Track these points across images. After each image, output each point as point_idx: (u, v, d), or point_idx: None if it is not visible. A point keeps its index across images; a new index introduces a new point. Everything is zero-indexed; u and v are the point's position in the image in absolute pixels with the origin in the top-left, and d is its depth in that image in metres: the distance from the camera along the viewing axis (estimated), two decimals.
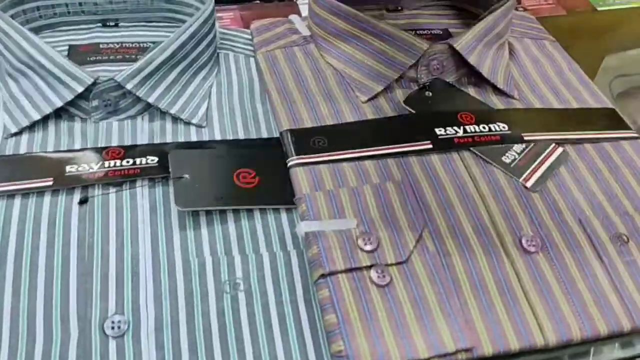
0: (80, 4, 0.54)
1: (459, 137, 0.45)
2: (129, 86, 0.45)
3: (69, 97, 0.44)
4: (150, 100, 0.46)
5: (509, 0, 0.54)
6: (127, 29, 0.56)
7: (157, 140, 0.45)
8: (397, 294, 0.36)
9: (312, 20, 0.54)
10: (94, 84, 0.45)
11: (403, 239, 0.38)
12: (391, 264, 0.37)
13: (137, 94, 0.45)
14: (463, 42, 0.50)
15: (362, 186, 0.41)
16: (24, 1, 0.51)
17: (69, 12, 0.54)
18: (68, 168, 0.41)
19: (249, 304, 0.36)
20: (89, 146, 0.44)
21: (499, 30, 0.53)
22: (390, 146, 0.44)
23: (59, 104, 0.44)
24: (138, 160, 0.42)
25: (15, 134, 0.44)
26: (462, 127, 0.46)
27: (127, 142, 0.45)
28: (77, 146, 0.44)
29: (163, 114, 0.47)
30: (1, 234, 0.38)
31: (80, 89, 0.44)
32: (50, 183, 0.40)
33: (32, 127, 0.44)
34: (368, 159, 0.44)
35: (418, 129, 0.46)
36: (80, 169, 0.41)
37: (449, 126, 0.46)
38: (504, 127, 0.47)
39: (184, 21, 0.56)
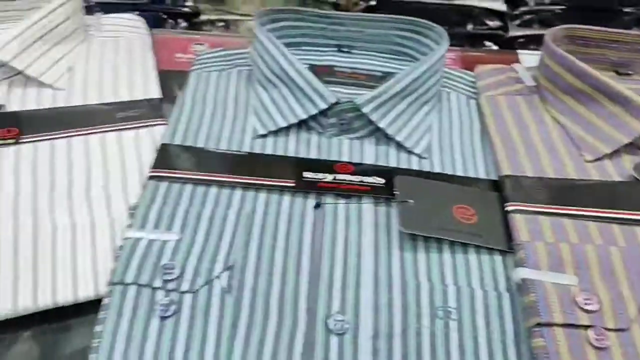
0: (322, 28, 0.61)
1: None
2: (365, 110, 0.49)
3: (313, 111, 0.49)
4: (381, 125, 0.49)
5: None
6: (359, 56, 0.61)
7: (380, 163, 0.49)
8: None
9: (541, 72, 0.55)
10: (335, 103, 0.50)
11: (624, 307, 0.38)
12: (610, 329, 0.36)
13: (371, 117, 0.49)
14: None
15: (584, 245, 0.41)
16: (279, 19, 0.58)
17: (311, 34, 0.61)
18: (305, 174, 0.47)
19: (460, 333, 0.38)
20: (322, 157, 0.49)
21: None
22: (616, 211, 0.43)
23: (304, 116, 0.50)
24: (366, 179, 0.46)
25: (262, 136, 0.51)
26: None
27: (355, 159, 0.49)
28: (313, 155, 0.49)
29: (388, 139, 0.50)
30: (248, 219, 0.43)
31: (324, 106, 0.49)
32: (293, 184, 0.45)
33: (276, 132, 0.50)
34: (591, 220, 0.43)
35: None
36: (316, 176, 0.46)
37: None
38: None
39: (410, 55, 0.60)
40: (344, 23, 0.59)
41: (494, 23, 1.02)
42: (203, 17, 0.96)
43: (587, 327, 0.36)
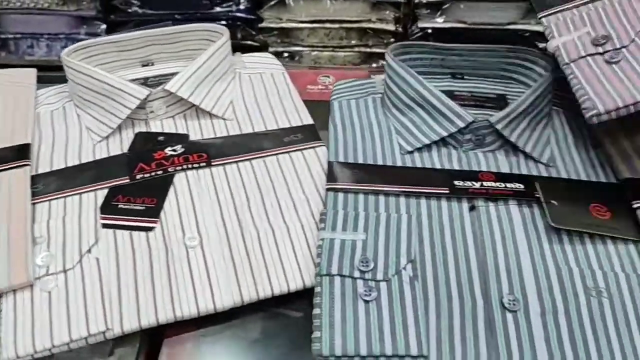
0: (442, 59, 0.70)
1: None
2: (498, 126, 0.57)
3: (453, 130, 0.58)
4: (512, 139, 0.58)
5: None
6: (471, 81, 0.70)
7: (515, 171, 0.57)
8: None
9: None
10: (472, 122, 0.58)
11: None
12: None
13: (503, 133, 0.57)
14: None
15: None
16: (407, 52, 0.68)
17: (430, 65, 0.70)
18: (456, 182, 0.55)
19: (612, 309, 0.46)
20: (464, 169, 0.57)
21: None
22: None
23: (445, 134, 0.58)
24: (509, 185, 0.54)
25: (409, 152, 0.59)
26: None
27: (492, 169, 0.57)
28: (455, 167, 0.57)
29: (516, 151, 0.59)
30: (417, 221, 0.52)
31: (462, 125, 0.58)
32: (447, 191, 0.54)
33: (420, 148, 0.59)
34: None
35: None
36: (465, 184, 0.54)
37: None
38: None
39: (514, 79, 0.69)
40: (461, 54, 0.69)
41: (542, 45, 1.09)
42: (270, 50, 1.05)
43: None
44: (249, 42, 1.05)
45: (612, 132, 0.61)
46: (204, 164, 0.57)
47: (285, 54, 1.06)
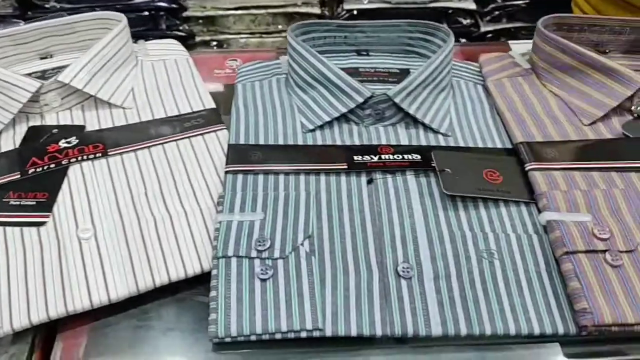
0: (345, 37, 0.70)
1: None
2: (397, 100, 0.58)
3: (352, 105, 0.58)
4: (410, 111, 0.58)
5: None
6: (376, 57, 0.70)
7: (414, 143, 0.58)
8: (628, 273, 0.45)
9: (537, 55, 0.65)
10: (370, 96, 0.58)
11: (630, 234, 0.47)
12: (622, 251, 0.46)
13: (402, 105, 0.58)
14: None
15: (592, 190, 0.51)
16: (310, 32, 0.67)
17: (334, 43, 0.70)
18: (355, 157, 0.55)
19: (503, 269, 0.47)
20: (364, 143, 0.58)
21: None
22: (612, 162, 0.53)
23: (344, 110, 0.58)
24: (406, 156, 0.55)
25: (311, 130, 0.59)
26: None
27: (393, 142, 0.58)
28: (356, 142, 0.58)
29: (416, 123, 0.60)
30: (315, 198, 0.52)
31: (361, 100, 0.58)
32: (346, 167, 0.54)
33: (322, 126, 0.59)
34: (594, 170, 0.53)
35: (636, 150, 0.54)
36: (364, 159, 0.55)
37: None
38: None
39: (418, 53, 0.69)
40: (364, 30, 0.69)
41: (466, 21, 1.11)
42: (198, 39, 1.03)
43: (603, 251, 0.46)
44: (175, 32, 1.02)
45: (509, 99, 0.62)
46: (100, 154, 0.56)
47: (214, 42, 1.04)
